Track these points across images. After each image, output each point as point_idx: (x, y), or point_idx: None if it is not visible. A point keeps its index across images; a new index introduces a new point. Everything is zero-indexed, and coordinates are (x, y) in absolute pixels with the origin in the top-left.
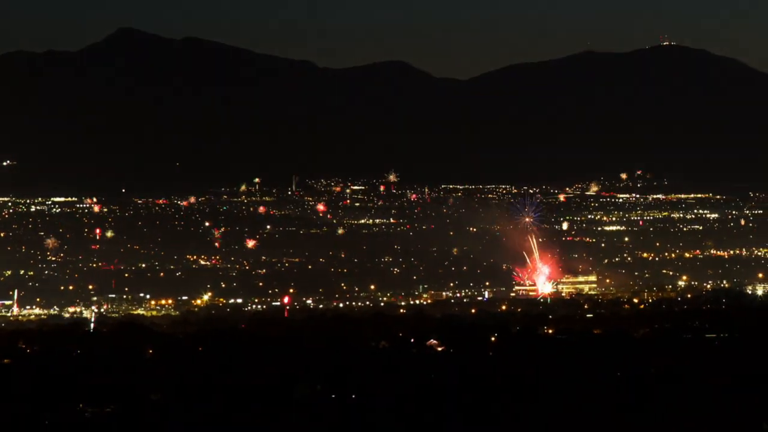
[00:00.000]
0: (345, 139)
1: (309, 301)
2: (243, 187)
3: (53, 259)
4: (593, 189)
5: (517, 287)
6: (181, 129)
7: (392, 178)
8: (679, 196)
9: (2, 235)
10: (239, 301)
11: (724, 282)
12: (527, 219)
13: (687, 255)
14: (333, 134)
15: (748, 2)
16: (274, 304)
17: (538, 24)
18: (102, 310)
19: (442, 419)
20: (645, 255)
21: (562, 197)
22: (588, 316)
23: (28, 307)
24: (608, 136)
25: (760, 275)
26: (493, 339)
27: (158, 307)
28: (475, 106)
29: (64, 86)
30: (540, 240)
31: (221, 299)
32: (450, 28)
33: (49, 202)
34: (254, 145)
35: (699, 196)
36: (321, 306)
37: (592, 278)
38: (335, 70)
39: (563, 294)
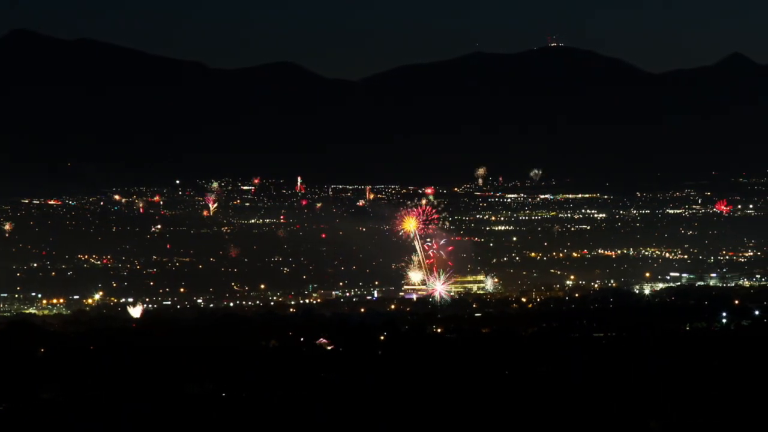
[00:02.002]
0: (235, 139)
1: (199, 301)
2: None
3: None
4: (482, 188)
5: (406, 287)
6: (74, 130)
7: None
8: (567, 196)
9: None
10: (130, 300)
11: (612, 281)
12: (417, 219)
13: (575, 254)
14: (222, 134)
15: (635, 3)
16: (164, 303)
17: (428, 25)
18: None
19: (334, 416)
20: (533, 254)
21: (451, 197)
22: (476, 315)
23: None
24: (496, 137)
25: (647, 274)
26: (382, 338)
27: (50, 306)
28: (367, 106)
29: None
30: (429, 239)
31: (112, 298)
32: (342, 29)
33: None
34: (146, 145)
35: (586, 196)
36: (211, 305)
37: (481, 277)
38: (227, 71)
39: (452, 293)
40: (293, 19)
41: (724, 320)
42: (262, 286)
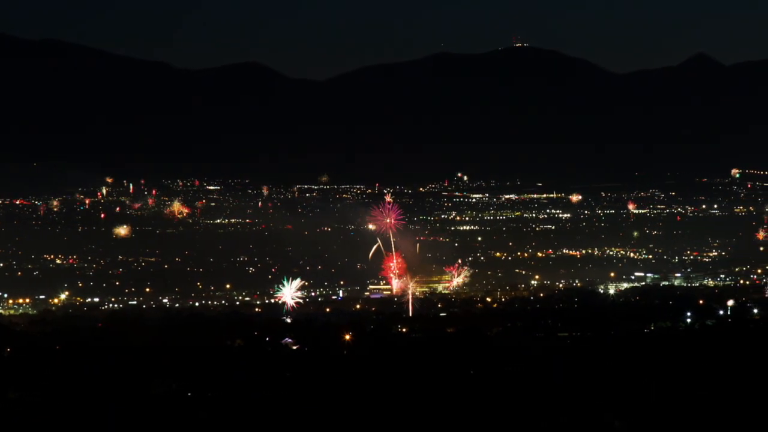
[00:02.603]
0: (202, 139)
1: (165, 301)
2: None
3: None
4: (447, 188)
5: (371, 286)
6: (41, 130)
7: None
8: (532, 196)
9: None
10: (96, 300)
11: (577, 281)
12: (383, 219)
13: (540, 254)
14: (189, 134)
15: (602, 4)
16: (130, 303)
17: (393, 26)
18: None
19: (300, 416)
20: (498, 254)
21: (416, 197)
22: (442, 314)
23: None
24: (464, 137)
25: (612, 274)
26: (347, 338)
27: (16, 306)
28: (331, 106)
29: None
30: (395, 239)
31: (78, 298)
32: (307, 29)
33: None
34: (112, 145)
35: (551, 196)
36: (177, 305)
37: (446, 277)
38: (191, 71)
39: (417, 293)
40: (258, 19)
41: (688, 320)
42: (228, 286)
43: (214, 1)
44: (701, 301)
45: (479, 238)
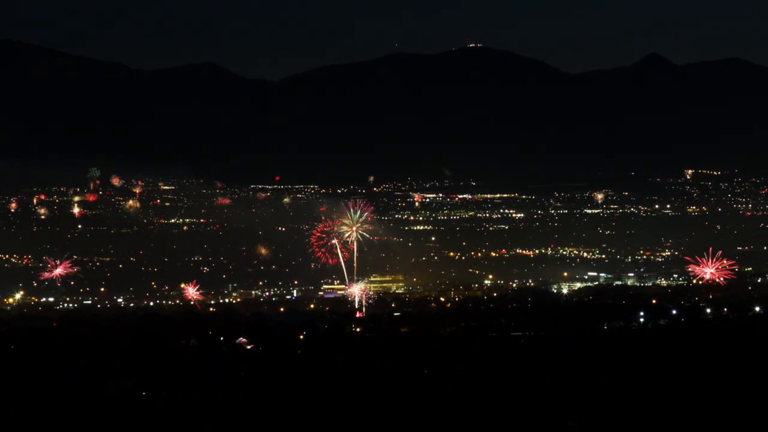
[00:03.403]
0: (156, 139)
1: (120, 300)
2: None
3: None
4: (401, 188)
5: (325, 286)
6: None
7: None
8: (486, 196)
9: None
10: (51, 299)
11: (530, 281)
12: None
13: (493, 254)
14: (145, 134)
15: (556, 5)
16: (85, 302)
17: (349, 27)
18: None
19: (254, 415)
20: (452, 254)
21: (370, 197)
22: (396, 314)
23: None
24: (416, 136)
25: (565, 274)
26: (301, 337)
27: None
28: (286, 106)
29: None
30: (349, 239)
31: (33, 298)
32: (261, 28)
33: None
34: (66, 145)
35: (505, 196)
36: (132, 304)
37: (400, 277)
38: (147, 71)
39: (371, 293)
40: (215, 19)
41: (641, 319)
42: (182, 286)
43: (170, 1)
44: (654, 301)
45: (433, 238)
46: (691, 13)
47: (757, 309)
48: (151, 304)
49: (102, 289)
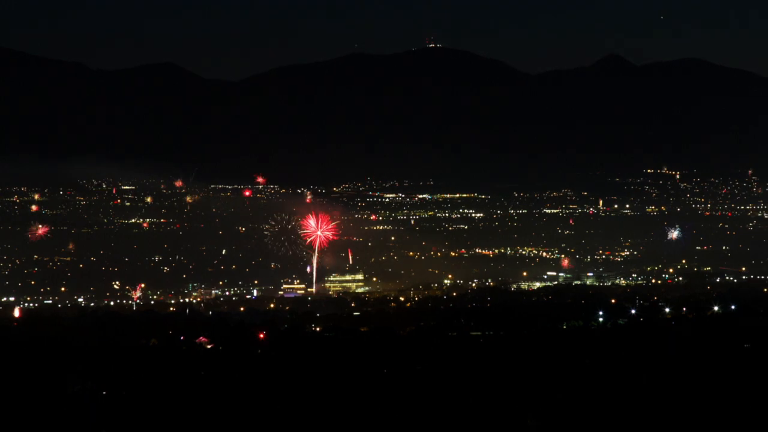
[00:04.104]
0: (116, 139)
1: (80, 300)
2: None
3: None
4: (360, 187)
5: (285, 286)
6: None
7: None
8: (445, 195)
9: None
10: (11, 299)
11: (489, 280)
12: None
13: (453, 254)
14: (105, 134)
15: (517, 4)
16: (45, 302)
17: (307, 26)
18: None
19: (214, 414)
20: (411, 253)
21: (329, 197)
22: (355, 313)
23: None
24: (375, 137)
25: (525, 273)
26: (261, 336)
27: None
28: (246, 107)
29: None
30: (308, 239)
31: None
32: (220, 30)
33: None
34: (27, 144)
35: (464, 195)
36: (92, 304)
37: (360, 276)
38: (107, 71)
39: (330, 292)
40: (175, 20)
41: (600, 319)
42: (143, 285)
43: (131, 2)
44: (613, 301)
45: (392, 238)
46: (652, 13)
47: (716, 308)
48: (112, 303)
49: (62, 289)
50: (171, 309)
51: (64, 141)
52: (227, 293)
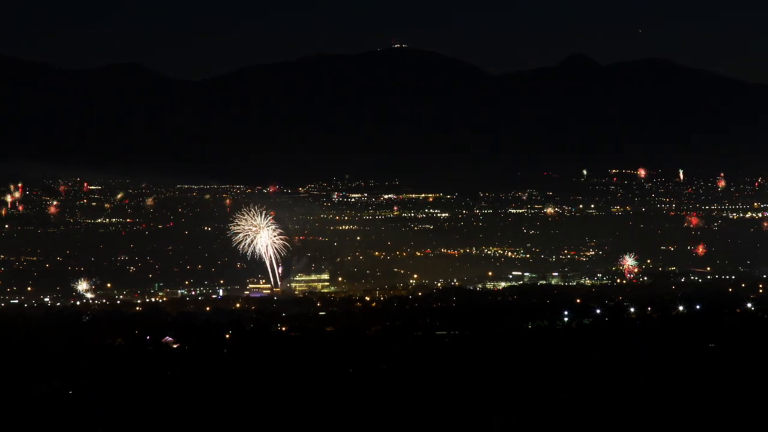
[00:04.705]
0: (82, 139)
1: (47, 299)
2: None
3: None
4: (327, 187)
5: (251, 285)
6: None
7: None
8: (411, 195)
9: None
10: None
11: (455, 280)
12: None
13: (418, 254)
14: (70, 135)
15: (483, 5)
16: (12, 302)
17: (271, 26)
18: None
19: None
20: (377, 253)
21: (295, 197)
22: (321, 313)
23: None
24: (339, 137)
25: (490, 273)
26: (227, 336)
27: None
28: (210, 107)
29: None
30: (275, 239)
31: None
32: (186, 31)
33: None
34: None
35: (430, 195)
36: (59, 304)
37: (325, 276)
38: (73, 71)
39: (296, 292)
40: (140, 20)
41: (566, 319)
42: (109, 285)
43: (96, 2)
44: (578, 300)
45: (358, 238)
46: (616, 13)
47: (681, 308)
48: (78, 303)
49: (29, 289)
50: (137, 309)
51: (31, 141)
52: (193, 293)
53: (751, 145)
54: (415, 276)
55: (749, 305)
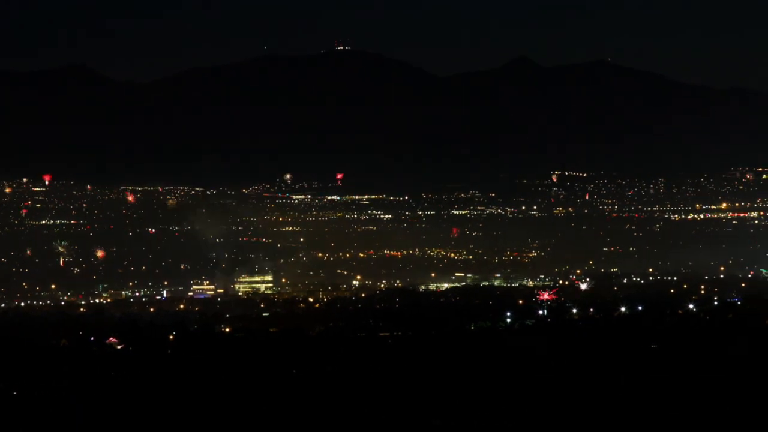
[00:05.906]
0: (27, 141)
1: None
2: None
3: None
4: (269, 188)
5: (195, 287)
6: None
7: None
8: (354, 197)
9: None
10: None
11: (398, 281)
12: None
13: (361, 255)
14: (13, 136)
15: (426, 5)
16: None
17: (217, 27)
18: None
19: (125, 415)
20: (320, 255)
21: (239, 198)
22: (264, 314)
23: None
24: (285, 138)
25: (433, 274)
26: (171, 337)
27: None
28: (157, 108)
29: None
30: (218, 240)
31: None
32: (132, 31)
33: None
34: None
35: (373, 197)
36: (3, 305)
37: (269, 277)
38: (19, 73)
39: (240, 293)
40: (89, 22)
41: (508, 320)
42: (53, 286)
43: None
44: (521, 301)
45: (301, 239)
46: (561, 15)
47: (623, 309)
48: (22, 304)
49: None
50: (81, 310)
51: None
52: (137, 294)
53: (694, 146)
54: (359, 277)
55: (691, 306)
